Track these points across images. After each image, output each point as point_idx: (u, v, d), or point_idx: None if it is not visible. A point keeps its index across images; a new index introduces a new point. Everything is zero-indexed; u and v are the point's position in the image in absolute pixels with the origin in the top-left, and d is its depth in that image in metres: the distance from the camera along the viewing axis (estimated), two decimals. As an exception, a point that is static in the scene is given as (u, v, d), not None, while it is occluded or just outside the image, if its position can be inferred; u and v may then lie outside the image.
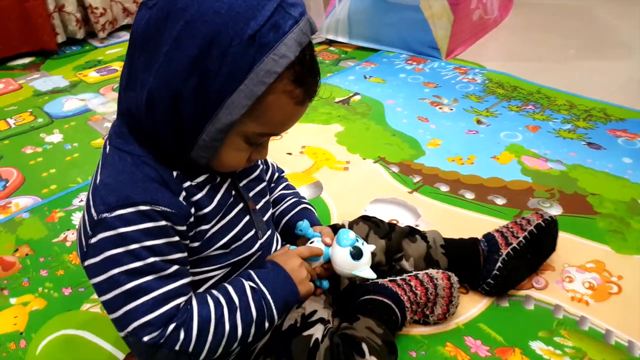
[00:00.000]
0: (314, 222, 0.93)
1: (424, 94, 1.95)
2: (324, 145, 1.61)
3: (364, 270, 0.83)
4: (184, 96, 0.60)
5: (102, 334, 0.98)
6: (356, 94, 1.97)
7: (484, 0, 2.42)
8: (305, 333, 0.79)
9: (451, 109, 1.83)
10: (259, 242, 0.81)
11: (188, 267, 0.70)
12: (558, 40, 2.45)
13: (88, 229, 0.65)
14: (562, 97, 1.87)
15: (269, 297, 0.72)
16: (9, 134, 1.75)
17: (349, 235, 0.83)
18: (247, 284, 0.72)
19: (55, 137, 1.72)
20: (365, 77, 2.12)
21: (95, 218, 0.64)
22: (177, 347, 0.64)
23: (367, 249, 0.85)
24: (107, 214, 0.63)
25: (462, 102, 1.88)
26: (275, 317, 0.74)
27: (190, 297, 0.68)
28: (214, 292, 0.71)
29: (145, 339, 0.63)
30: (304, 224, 0.87)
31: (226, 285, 0.73)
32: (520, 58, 2.28)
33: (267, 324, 0.73)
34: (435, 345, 0.94)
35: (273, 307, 0.73)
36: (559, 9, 2.87)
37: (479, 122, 1.73)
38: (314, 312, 0.84)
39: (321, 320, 0.82)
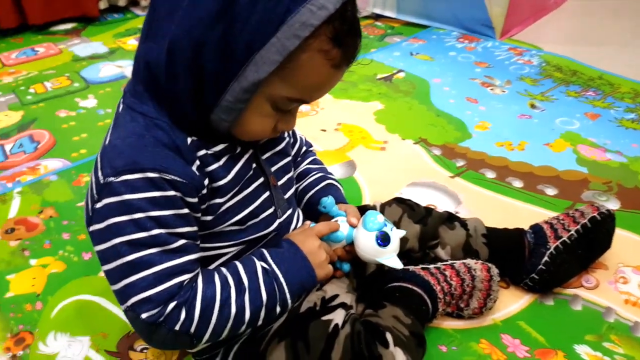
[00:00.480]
0: (339, 200, 0.86)
1: (475, 74, 1.84)
2: (361, 123, 1.54)
3: (389, 258, 0.75)
4: (208, 47, 0.54)
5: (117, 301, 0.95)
6: (400, 70, 1.88)
7: (545, -22, 2.28)
8: (325, 317, 0.73)
9: (503, 91, 1.72)
10: (278, 220, 0.75)
11: (197, 242, 0.65)
12: (626, 24, 2.29)
13: (94, 192, 0.60)
14: (626, 85, 1.74)
15: (282, 279, 0.67)
16: (45, 97, 1.75)
17: (376, 218, 0.76)
18: (259, 264, 0.67)
19: (90, 102, 1.71)
20: (412, 54, 2.03)
21: (102, 181, 0.59)
22: (177, 327, 0.60)
23: (396, 235, 0.77)
24: (113, 178, 0.58)
25: (515, 84, 1.77)
26: (289, 301, 0.68)
27: (196, 275, 0.63)
28: (223, 270, 0.66)
29: (144, 316, 0.59)
30: (328, 200, 0.80)
31: (237, 263, 0.67)
32: (582, 41, 2.14)
33: (278, 309, 0.68)
34: (469, 340, 0.87)
35: (286, 290, 0.67)
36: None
37: (533, 106, 1.62)
38: (336, 296, 0.77)
39: (342, 305, 0.76)
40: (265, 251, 0.70)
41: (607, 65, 1.87)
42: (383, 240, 0.75)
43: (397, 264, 0.76)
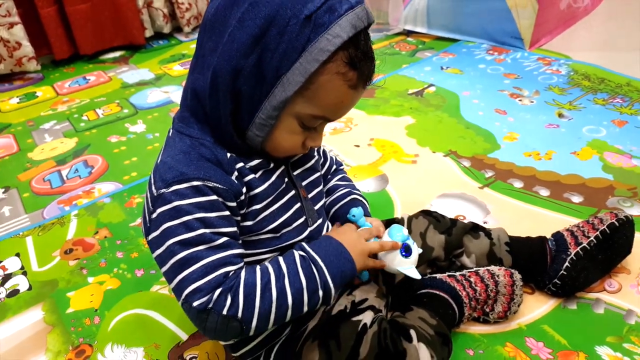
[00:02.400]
0: (365, 214, 0.92)
1: (504, 86, 1.88)
2: (393, 138, 1.60)
3: (409, 268, 0.82)
4: (244, 73, 0.63)
5: (168, 314, 1.03)
6: (431, 85, 1.93)
7: (573, -13, 2.30)
8: (355, 318, 0.79)
9: (532, 102, 1.75)
10: (309, 229, 0.82)
11: (239, 241, 0.72)
12: (656, 29, 2.28)
13: (150, 204, 0.69)
14: (654, 90, 1.75)
15: (321, 263, 0.72)
16: (97, 123, 1.86)
17: (402, 232, 0.83)
18: (297, 254, 0.73)
19: (139, 127, 1.81)
20: (442, 68, 2.08)
21: (155, 194, 0.68)
22: (224, 312, 0.66)
23: (416, 249, 0.84)
24: (164, 190, 0.67)
25: (544, 94, 1.80)
26: (330, 284, 0.72)
27: (241, 268, 0.70)
28: (265, 262, 0.73)
29: (195, 304, 0.66)
30: (358, 210, 0.86)
31: (277, 256, 0.74)
32: (612, 48, 2.15)
33: (321, 292, 0.72)
34: (495, 344, 0.91)
35: (326, 273, 0.72)
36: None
37: (560, 115, 1.65)
38: (365, 299, 0.83)
39: (371, 308, 0.82)
40: (303, 243, 0.76)
41: (636, 71, 1.88)
42: (406, 251, 0.81)
43: (416, 275, 0.82)
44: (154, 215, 0.68)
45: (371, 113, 1.76)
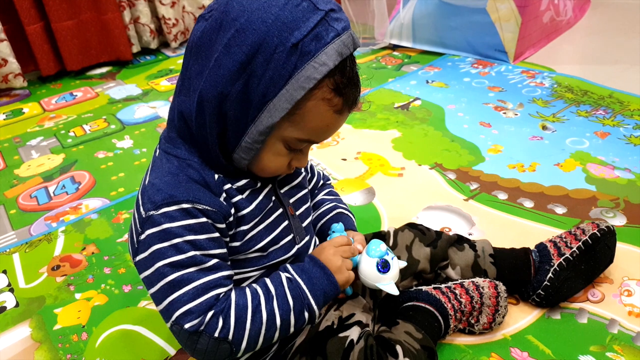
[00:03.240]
0: (349, 227, 0.93)
1: (488, 99, 1.91)
2: (379, 151, 1.61)
3: (388, 284, 0.82)
4: (231, 98, 0.64)
5: (156, 330, 1.03)
6: (417, 99, 1.95)
7: (555, 1, 2.33)
8: (342, 334, 0.80)
9: (516, 114, 1.78)
10: (296, 246, 0.83)
11: (228, 263, 0.73)
12: (637, 42, 2.32)
13: (138, 226, 0.69)
14: (636, 102, 1.78)
15: (304, 286, 0.73)
16: (84, 139, 1.86)
17: (379, 247, 0.83)
18: (283, 276, 0.74)
19: (126, 143, 1.81)
20: (428, 82, 2.10)
21: (144, 216, 0.68)
22: (216, 334, 0.67)
23: (396, 264, 0.84)
24: (153, 212, 0.67)
25: (527, 106, 1.82)
26: (314, 306, 0.74)
27: (230, 289, 0.70)
28: (253, 284, 0.74)
29: (187, 326, 0.66)
30: (338, 226, 0.87)
31: (264, 277, 0.75)
32: (595, 61, 2.19)
33: (306, 314, 0.73)
34: (480, 355, 0.92)
35: (309, 296, 0.73)
36: (640, 9, 2.73)
37: (544, 127, 1.67)
38: (352, 315, 0.84)
39: (358, 323, 0.83)
40: (288, 265, 0.77)
41: (619, 83, 1.92)
42: (383, 267, 0.81)
43: (394, 291, 0.82)
44: (142, 237, 0.68)
45: (358, 127, 1.78)
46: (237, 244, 0.75)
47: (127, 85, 2.35)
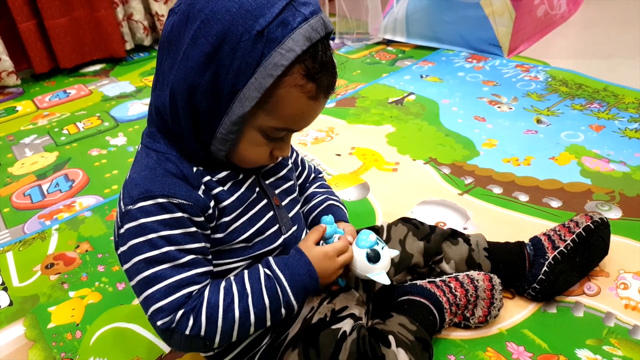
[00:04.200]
0: (340, 218, 0.92)
1: (483, 93, 1.90)
2: (373, 146, 1.61)
3: (379, 274, 0.81)
4: (200, 90, 0.64)
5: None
6: (411, 93, 1.95)
7: (549, -5, 2.33)
8: (334, 326, 0.79)
9: (510, 108, 1.77)
10: (282, 237, 0.82)
11: (208, 257, 0.73)
12: (631, 36, 2.32)
13: (119, 220, 0.70)
14: (630, 95, 1.78)
15: (285, 284, 0.73)
16: (78, 137, 1.86)
17: (368, 237, 0.82)
18: (262, 272, 0.74)
19: (120, 140, 1.81)
20: (422, 77, 2.10)
21: (123, 210, 0.69)
22: (187, 332, 0.67)
23: (387, 253, 0.83)
24: (131, 206, 0.68)
25: (522, 100, 1.82)
26: (294, 303, 0.74)
27: (205, 286, 0.70)
28: (231, 278, 0.73)
29: (159, 323, 0.67)
30: (328, 218, 0.86)
31: (244, 272, 0.75)
32: (589, 55, 2.18)
33: (283, 310, 0.73)
34: (476, 349, 0.92)
35: (290, 293, 0.73)
36: (635, 3, 2.72)
37: (538, 121, 1.67)
38: (345, 307, 0.84)
39: (351, 316, 0.82)
40: (271, 259, 0.76)
41: (613, 76, 1.91)
42: (372, 257, 0.81)
43: (385, 280, 0.81)
44: (122, 231, 0.69)
45: (352, 122, 1.77)
46: (220, 235, 0.75)
47: (121, 82, 2.34)
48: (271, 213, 0.81)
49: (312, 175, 1.00)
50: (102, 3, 2.39)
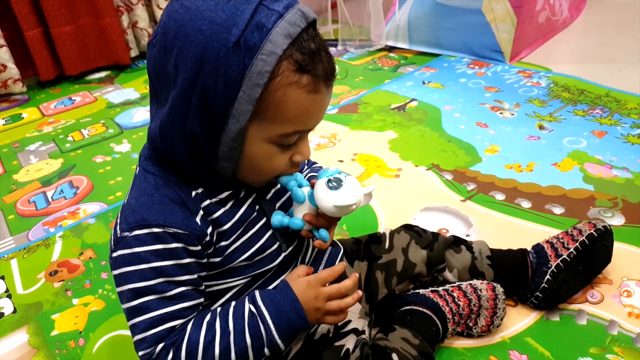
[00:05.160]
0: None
1: (485, 99, 1.90)
2: (376, 153, 1.61)
3: (344, 204, 0.72)
4: (191, 116, 0.62)
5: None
6: (413, 100, 1.95)
7: (551, 1, 2.33)
8: (337, 343, 0.79)
9: (512, 114, 1.78)
10: (283, 254, 0.80)
11: (199, 288, 0.71)
12: (633, 41, 2.32)
13: (113, 243, 0.69)
14: (633, 101, 1.78)
15: (269, 322, 0.70)
16: (82, 144, 1.86)
17: (329, 169, 0.76)
18: (247, 308, 0.71)
19: (124, 147, 1.81)
20: (424, 83, 2.10)
21: (119, 235, 0.67)
22: None
23: (351, 181, 0.75)
24: (127, 233, 0.66)
25: (524, 106, 1.82)
26: (278, 342, 0.70)
27: (188, 320, 0.69)
28: (217, 311, 0.71)
29: (140, 353, 0.66)
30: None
31: (230, 305, 0.72)
32: (591, 60, 2.19)
33: (267, 350, 0.70)
34: (479, 358, 0.92)
35: (274, 332, 0.70)
36: (636, 8, 2.72)
37: (541, 127, 1.67)
38: (348, 322, 0.84)
39: (354, 331, 0.82)
40: (257, 293, 0.72)
41: (616, 82, 1.92)
42: (334, 183, 0.74)
43: (349, 201, 0.72)
44: (115, 255, 0.67)
45: (354, 128, 1.78)
46: (218, 259, 0.73)
47: (126, 89, 2.35)
48: (270, 232, 0.78)
49: (305, 167, 0.94)
50: (107, 11, 2.40)
